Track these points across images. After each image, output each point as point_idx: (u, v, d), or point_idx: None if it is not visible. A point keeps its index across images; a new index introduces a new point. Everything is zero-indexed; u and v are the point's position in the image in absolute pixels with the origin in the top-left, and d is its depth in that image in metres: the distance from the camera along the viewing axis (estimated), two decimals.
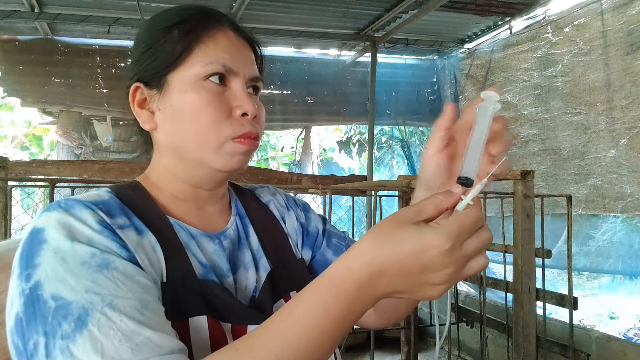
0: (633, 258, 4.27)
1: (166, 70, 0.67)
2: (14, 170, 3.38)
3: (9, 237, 2.26)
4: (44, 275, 0.52)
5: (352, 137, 10.28)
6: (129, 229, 0.61)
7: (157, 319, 0.53)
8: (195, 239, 0.68)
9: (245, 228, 0.77)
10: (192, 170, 0.70)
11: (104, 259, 0.54)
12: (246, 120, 0.68)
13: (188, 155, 0.68)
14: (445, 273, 0.48)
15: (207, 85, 0.66)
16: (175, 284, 0.61)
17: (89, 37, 5.52)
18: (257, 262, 0.74)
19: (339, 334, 0.51)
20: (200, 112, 0.66)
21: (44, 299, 0.51)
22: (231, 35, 0.71)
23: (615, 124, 4.16)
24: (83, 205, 0.59)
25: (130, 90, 0.70)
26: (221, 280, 0.67)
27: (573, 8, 4.57)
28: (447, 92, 6.38)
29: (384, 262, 0.48)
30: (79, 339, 0.49)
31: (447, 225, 0.48)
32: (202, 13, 0.71)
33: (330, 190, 2.62)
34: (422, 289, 0.49)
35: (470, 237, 0.49)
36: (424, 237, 0.47)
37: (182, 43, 0.67)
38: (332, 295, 0.49)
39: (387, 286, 0.49)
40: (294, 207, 0.87)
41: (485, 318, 2.87)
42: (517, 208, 2.37)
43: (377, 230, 0.50)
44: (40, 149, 10.17)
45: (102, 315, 0.50)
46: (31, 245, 0.55)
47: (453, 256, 0.47)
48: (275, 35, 5.33)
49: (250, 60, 0.72)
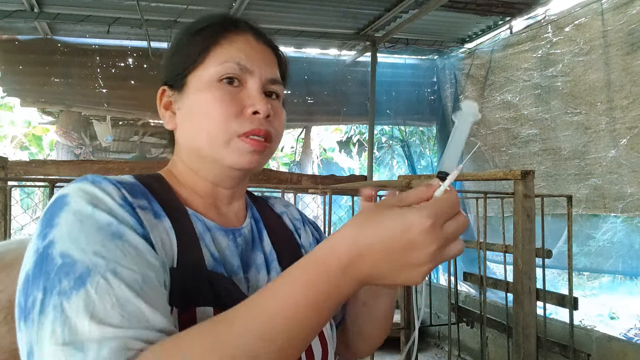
0: (633, 258, 4.27)
1: (186, 72, 0.71)
2: (13, 170, 3.38)
3: (8, 237, 2.25)
4: (59, 234, 0.54)
5: (352, 137, 10.28)
6: (147, 210, 0.63)
7: (155, 297, 0.53)
8: (211, 232, 0.70)
9: (260, 231, 0.79)
10: (209, 167, 0.72)
11: (119, 230, 0.56)
12: (256, 118, 0.69)
13: (203, 153, 0.70)
14: (428, 252, 0.49)
15: (221, 85, 0.69)
16: (185, 271, 0.62)
17: (89, 37, 5.51)
18: (269, 265, 0.76)
19: (322, 315, 0.50)
20: (211, 109, 0.68)
21: (53, 256, 0.52)
22: (250, 39, 0.73)
23: (615, 123, 4.16)
24: (109, 181, 0.62)
25: (158, 93, 0.75)
26: (231, 275, 0.68)
27: (573, 8, 4.57)
28: (447, 92, 6.38)
29: (367, 242, 0.49)
30: (74, 297, 0.49)
31: (428, 205, 0.50)
32: (224, 19, 0.74)
33: (330, 190, 2.61)
34: (405, 270, 0.50)
35: (450, 220, 0.51)
36: (407, 216, 0.49)
37: (201, 45, 0.71)
38: (315, 273, 0.50)
39: (370, 268, 0.50)
40: (308, 224, 0.90)
41: (485, 318, 2.87)
42: (518, 208, 2.37)
43: (362, 214, 0.52)
44: (40, 149, 10.17)
45: (103, 278, 0.51)
46: (54, 207, 0.57)
47: (435, 234, 0.49)
48: (275, 35, 5.28)
49: (269, 62, 0.74)
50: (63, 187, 0.61)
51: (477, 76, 5.79)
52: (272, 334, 0.48)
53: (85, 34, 5.41)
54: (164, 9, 4.66)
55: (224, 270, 0.68)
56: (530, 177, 2.35)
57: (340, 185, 3.79)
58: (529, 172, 2.35)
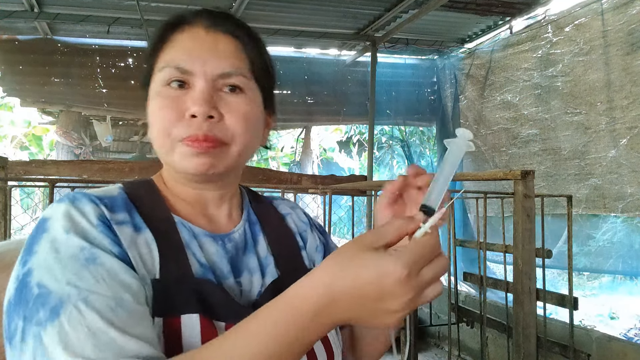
0: (633, 258, 4.27)
1: (147, 79, 0.71)
2: (13, 170, 3.38)
3: (8, 237, 2.25)
4: (37, 262, 0.56)
5: (352, 137, 10.29)
6: (126, 225, 0.63)
7: (130, 321, 0.54)
8: (197, 239, 0.69)
9: (255, 234, 0.77)
10: (173, 172, 0.72)
11: (92, 254, 0.57)
12: (194, 121, 0.65)
13: (161, 159, 0.71)
14: (402, 301, 0.48)
15: (165, 91, 0.67)
16: (168, 281, 0.62)
17: (89, 37, 5.51)
18: (264, 269, 0.74)
19: (293, 355, 0.51)
20: (156, 117, 0.68)
21: (31, 285, 0.54)
22: (199, 33, 0.69)
23: (615, 124, 4.16)
24: (88, 199, 0.62)
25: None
26: (220, 281, 0.67)
27: (573, 8, 4.57)
28: (447, 92, 6.38)
29: (340, 289, 0.49)
30: (50, 328, 0.51)
31: (405, 253, 0.48)
32: (172, 18, 0.72)
33: (330, 190, 2.62)
34: (379, 315, 0.50)
35: (427, 265, 0.50)
36: (382, 264, 0.48)
37: (152, 52, 0.71)
38: (287, 317, 0.50)
39: (343, 313, 0.50)
40: (315, 229, 0.88)
41: (485, 318, 2.87)
42: (518, 208, 2.37)
43: (337, 255, 0.51)
44: (40, 149, 10.18)
45: (75, 308, 0.52)
46: (35, 233, 0.59)
47: (410, 284, 0.48)
48: (275, 35, 5.32)
49: (220, 55, 0.68)
50: (47, 208, 0.62)
51: (477, 76, 5.79)
52: None
53: (85, 34, 5.41)
54: (164, 9, 4.65)
55: (214, 276, 0.67)
56: (530, 177, 2.35)
57: (340, 185, 3.79)
58: (529, 172, 2.35)
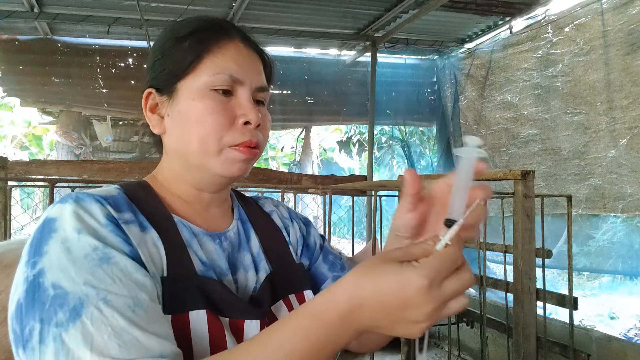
0: (633, 258, 4.27)
1: (176, 79, 0.71)
2: (13, 170, 3.38)
3: (8, 237, 2.26)
4: (49, 263, 0.55)
5: (352, 137, 10.29)
6: (133, 224, 0.64)
7: (149, 319, 0.55)
8: (197, 237, 0.71)
9: (247, 232, 0.81)
10: (196, 174, 0.73)
11: (105, 253, 0.57)
12: (247, 129, 0.71)
13: (192, 160, 0.71)
14: (424, 311, 0.49)
15: (213, 95, 0.70)
16: (175, 278, 0.64)
17: (89, 37, 5.52)
18: (258, 265, 0.77)
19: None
20: (204, 119, 0.69)
21: (45, 286, 0.54)
22: (240, 46, 0.74)
23: (615, 124, 4.16)
24: (93, 198, 0.63)
25: (144, 95, 0.75)
26: (220, 278, 0.70)
27: (573, 8, 4.57)
28: (447, 92, 6.38)
29: (365, 296, 0.50)
30: (72, 329, 0.51)
31: (425, 263, 0.49)
32: (213, 24, 0.74)
33: (330, 190, 2.62)
34: (402, 325, 0.50)
35: (450, 277, 0.50)
36: (403, 274, 0.49)
37: (192, 53, 0.71)
38: (313, 323, 0.51)
39: (368, 320, 0.51)
40: (297, 219, 0.91)
41: (485, 318, 2.87)
42: (517, 208, 2.37)
43: (363, 266, 0.52)
44: (40, 149, 10.18)
45: (96, 309, 0.52)
46: (42, 233, 0.58)
47: (432, 294, 0.48)
48: (275, 35, 5.32)
49: (257, 70, 0.75)
50: (49, 209, 0.61)
51: (477, 76, 5.79)
52: None
53: (85, 34, 5.41)
54: (164, 9, 4.66)
55: (214, 273, 0.69)
56: (530, 177, 2.35)
57: (340, 185, 3.79)
58: (529, 172, 2.35)
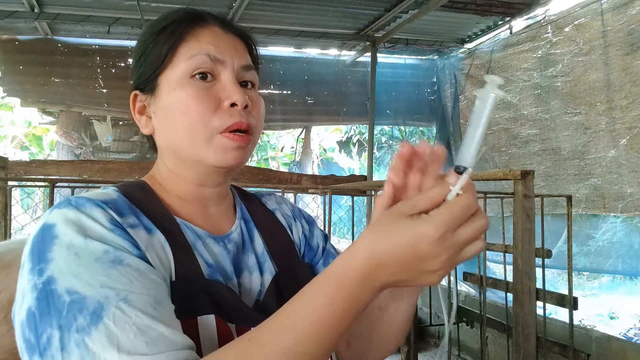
0: (633, 258, 4.27)
1: (155, 74, 0.69)
2: (13, 170, 3.38)
3: (8, 237, 2.26)
4: (58, 270, 0.53)
5: (352, 137, 10.30)
6: (138, 228, 0.62)
7: (169, 315, 0.55)
8: (202, 240, 0.69)
9: (250, 232, 0.78)
10: (191, 168, 0.70)
11: (117, 256, 0.55)
12: (235, 110, 0.67)
13: (183, 154, 0.68)
14: (440, 260, 0.50)
15: (193, 82, 0.67)
16: (184, 282, 0.62)
17: (89, 37, 5.51)
18: (262, 266, 0.74)
19: (345, 326, 0.52)
20: (187, 108, 0.66)
21: (59, 293, 0.52)
22: (217, 31, 0.71)
23: (615, 124, 4.16)
24: (93, 203, 0.60)
25: (130, 99, 0.72)
26: (226, 281, 0.68)
27: (573, 8, 4.57)
28: (447, 92, 6.38)
29: (382, 255, 0.50)
30: (95, 333, 0.50)
31: (436, 215, 0.50)
32: (187, 14, 0.71)
33: (330, 190, 2.62)
34: (421, 276, 0.51)
35: (464, 224, 0.50)
36: (416, 228, 0.49)
37: (167, 44, 0.68)
38: (336, 288, 0.51)
39: (388, 276, 0.51)
40: (300, 218, 0.88)
41: (485, 318, 2.87)
42: (517, 208, 2.37)
43: (375, 225, 0.52)
44: (40, 149, 10.18)
45: (117, 309, 0.51)
46: (42, 240, 0.55)
47: (445, 244, 0.49)
48: (275, 35, 5.32)
49: (240, 50, 0.72)
50: (46, 215, 0.58)
51: (477, 76, 5.79)
52: (299, 351, 0.50)
53: (86, 34, 5.41)
54: (164, 9, 4.64)
55: (220, 276, 0.67)
56: (530, 177, 2.35)
57: (340, 185, 3.79)
58: (528, 172, 2.35)
